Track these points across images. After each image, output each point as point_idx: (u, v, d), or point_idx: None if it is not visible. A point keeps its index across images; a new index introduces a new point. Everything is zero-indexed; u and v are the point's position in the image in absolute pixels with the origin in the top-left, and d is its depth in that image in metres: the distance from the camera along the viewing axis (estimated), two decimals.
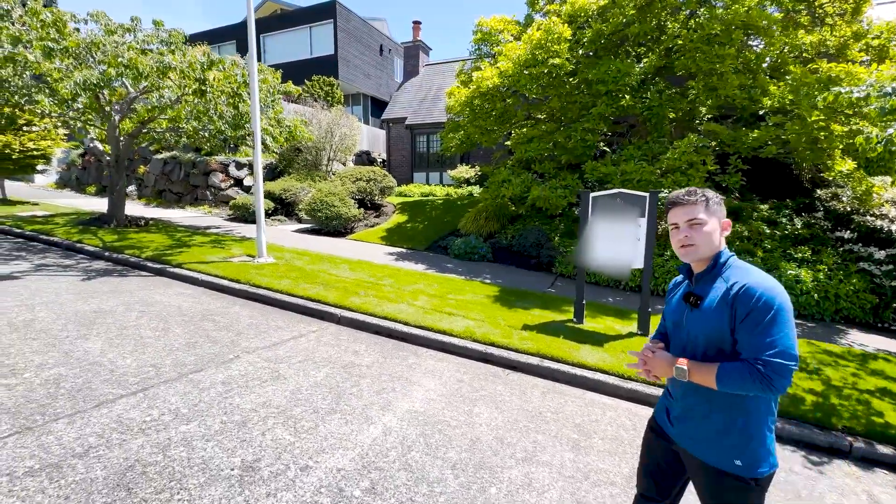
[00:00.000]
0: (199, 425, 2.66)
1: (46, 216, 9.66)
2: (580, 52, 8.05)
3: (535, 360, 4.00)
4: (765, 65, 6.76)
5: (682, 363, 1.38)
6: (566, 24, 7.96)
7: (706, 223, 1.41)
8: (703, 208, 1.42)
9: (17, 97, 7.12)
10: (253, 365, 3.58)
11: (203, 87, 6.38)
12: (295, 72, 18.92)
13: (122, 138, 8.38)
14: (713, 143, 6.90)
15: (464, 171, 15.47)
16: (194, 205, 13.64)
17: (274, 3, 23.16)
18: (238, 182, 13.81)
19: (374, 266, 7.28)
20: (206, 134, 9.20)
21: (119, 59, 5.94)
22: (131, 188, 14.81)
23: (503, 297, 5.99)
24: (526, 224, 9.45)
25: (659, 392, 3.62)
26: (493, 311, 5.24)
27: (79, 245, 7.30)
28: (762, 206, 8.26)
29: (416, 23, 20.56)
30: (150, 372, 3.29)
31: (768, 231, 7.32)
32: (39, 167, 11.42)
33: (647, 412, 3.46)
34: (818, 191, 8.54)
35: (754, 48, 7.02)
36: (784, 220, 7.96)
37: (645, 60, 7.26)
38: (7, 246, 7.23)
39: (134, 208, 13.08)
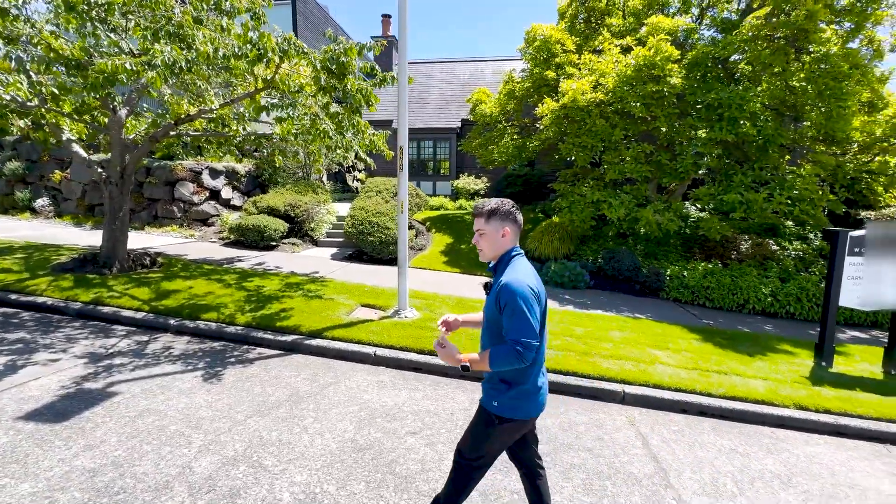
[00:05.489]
0: None
1: None
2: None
3: None
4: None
5: (465, 361, 1.65)
6: (671, 44, 7.75)
7: (486, 232, 1.71)
8: (484, 220, 1.72)
9: None
10: None
11: (337, 85, 4.46)
12: None
13: (133, 142, 5.73)
14: (821, 173, 7.31)
15: (471, 181, 14.52)
16: (155, 225, 10.29)
17: None
18: (214, 194, 10.83)
19: None
20: (241, 139, 6.91)
21: (250, 34, 3.79)
22: (42, 201, 10.61)
23: (713, 339, 5.44)
24: (603, 245, 9.04)
25: None
26: (740, 363, 4.68)
27: (103, 310, 4.70)
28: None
29: (386, 16, 18.82)
30: None
31: None
32: None
33: None
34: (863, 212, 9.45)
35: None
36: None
37: (760, 88, 7.38)
38: None
39: (53, 230, 9.41)
